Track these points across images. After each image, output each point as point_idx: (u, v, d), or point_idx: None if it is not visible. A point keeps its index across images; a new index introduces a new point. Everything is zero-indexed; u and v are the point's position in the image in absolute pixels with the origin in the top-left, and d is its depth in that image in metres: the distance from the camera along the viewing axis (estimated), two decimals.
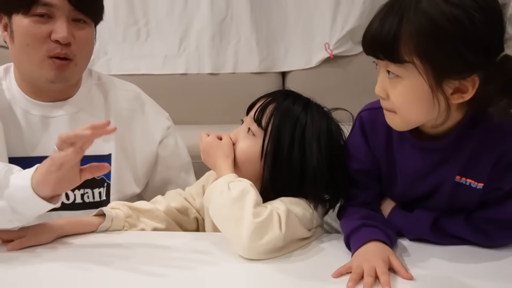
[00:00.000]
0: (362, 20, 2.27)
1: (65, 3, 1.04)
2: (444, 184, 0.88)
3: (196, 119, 2.16)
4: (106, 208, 0.99)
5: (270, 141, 0.93)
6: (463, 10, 0.71)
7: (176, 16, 2.30)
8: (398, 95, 0.79)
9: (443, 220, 0.89)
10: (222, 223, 0.87)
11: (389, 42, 0.75)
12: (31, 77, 1.10)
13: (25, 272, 0.82)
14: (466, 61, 0.73)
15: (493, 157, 0.83)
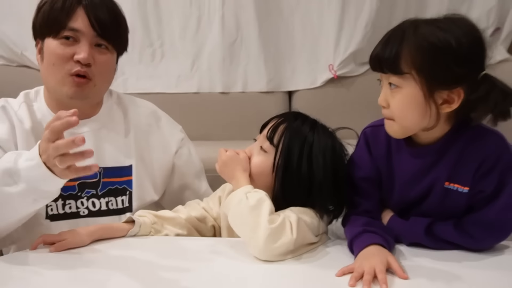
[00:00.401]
0: (364, 43, 2.36)
1: (89, 29, 1.15)
2: (434, 189, 0.99)
3: (207, 135, 2.23)
4: (135, 215, 1.11)
5: (281, 157, 1.04)
6: (452, 34, 0.89)
7: (189, 38, 2.40)
8: (397, 102, 0.93)
9: (436, 226, 0.99)
10: (240, 228, 0.97)
11: (391, 57, 0.91)
12: (55, 93, 1.19)
13: (64, 269, 0.93)
14: (453, 74, 0.89)
15: (476, 162, 0.95)
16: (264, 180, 1.06)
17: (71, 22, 1.14)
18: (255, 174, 1.07)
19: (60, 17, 1.14)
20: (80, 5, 1.15)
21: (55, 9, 1.14)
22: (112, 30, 1.19)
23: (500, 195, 0.95)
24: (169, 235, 1.11)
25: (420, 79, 0.90)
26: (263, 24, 2.39)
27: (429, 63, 0.89)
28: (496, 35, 2.40)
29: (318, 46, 2.43)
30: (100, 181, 1.22)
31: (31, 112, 1.22)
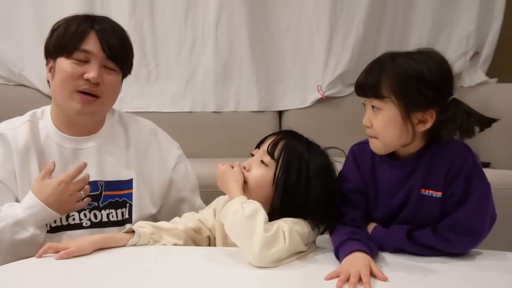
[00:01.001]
0: (351, 65, 2.47)
1: (100, 52, 1.24)
2: (412, 196, 1.09)
3: (201, 153, 2.28)
4: (134, 226, 1.17)
5: (282, 171, 1.12)
6: (424, 64, 1.03)
7: (183, 59, 2.48)
8: (379, 122, 1.06)
9: (415, 232, 1.08)
10: (236, 236, 1.04)
11: (373, 83, 1.04)
12: (64, 109, 1.27)
13: (69, 275, 0.99)
14: (426, 98, 1.02)
15: (445, 168, 1.06)
16: (263, 192, 1.13)
17: (84, 44, 1.23)
18: (254, 187, 1.13)
19: (73, 39, 1.23)
20: (92, 30, 1.24)
21: (69, 32, 1.24)
22: (120, 54, 1.28)
23: (468, 199, 1.04)
24: (167, 245, 1.17)
25: (398, 102, 1.02)
26: (255, 46, 2.48)
27: (405, 89, 1.02)
28: (475, 59, 2.52)
29: (308, 67, 2.52)
30: (101, 194, 1.29)
31: (34, 130, 1.29)
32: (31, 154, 1.25)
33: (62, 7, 2.30)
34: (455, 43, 2.50)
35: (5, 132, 1.26)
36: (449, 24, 2.53)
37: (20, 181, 1.24)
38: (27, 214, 1.13)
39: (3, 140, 1.25)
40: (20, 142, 1.25)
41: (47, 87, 2.28)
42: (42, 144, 1.28)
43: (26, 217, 1.13)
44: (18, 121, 1.30)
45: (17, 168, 1.23)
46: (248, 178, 1.14)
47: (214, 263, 1.05)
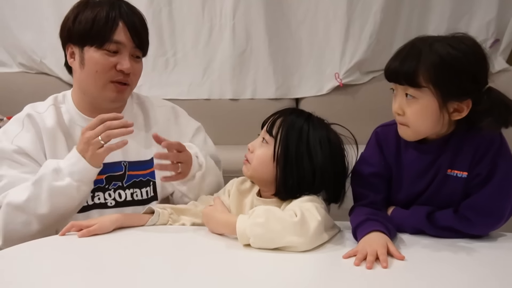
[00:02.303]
0: (369, 53, 2.47)
1: (129, 42, 1.27)
2: (437, 177, 1.08)
3: (217, 140, 2.24)
4: (154, 206, 1.19)
5: (280, 146, 1.11)
6: (462, 52, 1.00)
7: (200, 48, 2.50)
8: (413, 112, 1.03)
9: (436, 213, 1.08)
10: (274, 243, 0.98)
11: (411, 72, 1.00)
12: (94, 97, 1.30)
13: (90, 253, 1.02)
14: (464, 88, 1.00)
15: (472, 149, 1.05)
16: (266, 170, 1.13)
17: (115, 35, 1.25)
18: (258, 166, 1.14)
19: (104, 29, 1.24)
20: (121, 19, 1.25)
21: (99, 21, 1.24)
22: (145, 40, 1.32)
23: (492, 179, 1.04)
24: (186, 224, 1.19)
25: (436, 92, 1.00)
26: (272, 34, 2.49)
27: (444, 78, 0.99)
28: (496, 46, 2.49)
29: (325, 55, 2.53)
30: (125, 174, 1.32)
31: (59, 114, 1.32)
32: (58, 136, 1.29)
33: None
34: (475, 31, 2.46)
35: (34, 114, 1.29)
36: (469, 11, 2.50)
37: None
38: (66, 164, 1.17)
39: (32, 121, 1.28)
40: (48, 124, 1.28)
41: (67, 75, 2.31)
42: (68, 127, 1.31)
43: (65, 166, 1.16)
44: (42, 105, 1.33)
45: (47, 148, 1.27)
46: (251, 159, 1.15)
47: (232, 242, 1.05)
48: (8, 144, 1.23)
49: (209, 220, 1.10)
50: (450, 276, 0.89)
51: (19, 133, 1.26)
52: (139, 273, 0.90)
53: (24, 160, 1.23)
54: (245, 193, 1.25)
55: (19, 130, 1.26)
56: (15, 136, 1.25)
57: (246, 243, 1.00)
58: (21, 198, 1.15)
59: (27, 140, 1.25)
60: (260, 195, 1.19)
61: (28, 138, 1.25)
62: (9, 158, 1.22)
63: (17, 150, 1.23)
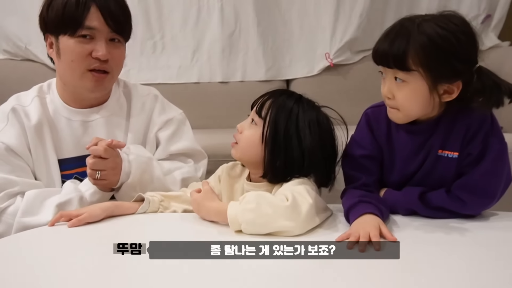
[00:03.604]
0: (359, 32, 2.44)
1: (104, 27, 1.21)
2: (429, 158, 1.08)
3: (208, 124, 2.30)
4: (145, 194, 1.18)
5: (269, 128, 1.09)
6: (451, 32, 0.97)
7: (189, 30, 2.47)
8: (403, 95, 1.01)
9: (429, 193, 1.07)
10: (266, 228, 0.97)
11: (400, 55, 0.98)
12: (74, 87, 1.26)
13: (80, 241, 1.01)
14: (455, 69, 0.97)
15: (463, 129, 1.04)
16: (254, 152, 1.12)
17: (87, 20, 1.19)
18: (245, 147, 1.13)
19: (75, 15, 1.18)
20: (93, 2, 1.19)
21: (69, 7, 1.19)
22: (124, 24, 1.26)
23: (483, 158, 1.03)
24: (177, 211, 1.18)
25: (426, 74, 0.97)
26: (261, 15, 2.46)
27: (434, 60, 0.97)
28: (487, 22, 2.47)
29: (315, 35, 2.50)
30: None
31: (43, 105, 1.29)
32: (44, 129, 1.26)
33: None
34: (466, 6, 2.44)
35: (18, 108, 1.26)
36: None
37: (34, 156, 1.25)
38: (87, 194, 1.18)
39: (16, 115, 1.25)
40: (32, 119, 1.25)
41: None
42: (52, 118, 1.29)
43: (87, 196, 1.18)
44: (27, 97, 1.30)
45: (32, 144, 1.24)
46: (239, 140, 1.14)
47: (224, 229, 1.04)
48: None
49: (200, 208, 1.09)
50: (443, 257, 0.89)
51: (4, 128, 1.23)
52: (131, 261, 0.89)
53: (11, 158, 1.21)
54: (235, 178, 1.24)
55: (4, 125, 1.24)
56: (0, 131, 1.22)
57: (238, 229, 0.99)
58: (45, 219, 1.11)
59: (12, 136, 1.22)
60: (250, 180, 1.18)
61: (12, 133, 1.23)
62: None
63: (4, 147, 1.21)
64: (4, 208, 1.15)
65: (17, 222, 1.13)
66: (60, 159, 1.27)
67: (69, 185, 1.20)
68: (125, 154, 1.22)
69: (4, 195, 1.16)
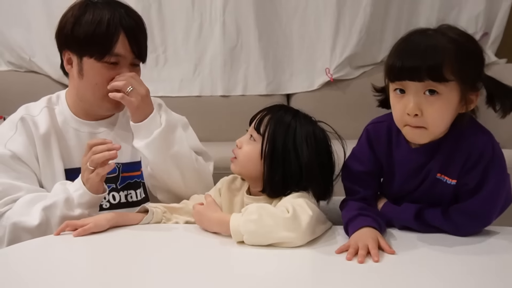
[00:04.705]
0: (359, 47, 2.48)
1: (130, 54, 1.25)
2: (427, 179, 1.07)
3: (209, 137, 2.28)
4: (148, 205, 1.20)
5: (268, 144, 1.12)
6: (471, 41, 0.99)
7: (191, 44, 2.50)
8: (436, 109, 0.96)
9: (425, 212, 1.08)
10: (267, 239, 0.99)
11: (436, 66, 0.94)
12: (91, 105, 1.30)
13: (86, 252, 1.03)
14: (480, 77, 0.98)
15: (462, 157, 1.02)
16: (253, 168, 1.14)
17: (116, 48, 1.22)
18: (245, 162, 1.15)
19: (105, 42, 1.21)
20: (121, 29, 1.22)
21: (99, 32, 1.21)
22: (145, 50, 1.31)
23: (482, 189, 1.02)
24: (179, 223, 1.20)
25: (459, 84, 0.95)
26: (263, 30, 2.49)
27: (469, 67, 0.96)
28: (484, 40, 2.51)
29: (315, 50, 2.54)
30: (119, 176, 1.32)
31: (52, 115, 1.31)
32: (52, 139, 1.29)
33: None
34: (464, 24, 2.48)
35: (27, 117, 1.28)
36: (458, 4, 2.53)
37: (42, 165, 1.27)
38: (75, 195, 1.17)
39: (25, 125, 1.27)
40: (41, 129, 1.28)
41: (57, 73, 2.37)
42: (61, 129, 1.31)
43: (75, 197, 1.17)
44: (35, 107, 1.33)
45: (39, 153, 1.26)
46: (238, 156, 1.16)
47: (226, 240, 1.05)
48: (2, 148, 1.23)
49: (202, 219, 1.11)
50: (441, 270, 0.91)
51: (12, 136, 1.26)
52: (135, 271, 0.91)
53: (17, 166, 1.23)
54: (235, 192, 1.26)
55: (12, 133, 1.26)
56: (8, 139, 1.25)
57: (240, 240, 1.01)
58: (32, 223, 1.14)
59: (19, 144, 1.25)
60: (250, 193, 1.20)
61: (20, 141, 1.25)
62: (2, 163, 1.22)
63: (11, 155, 1.23)
64: (3, 212, 1.18)
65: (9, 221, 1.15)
66: (66, 169, 1.29)
67: (57, 187, 1.20)
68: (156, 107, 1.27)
69: (8, 200, 1.19)
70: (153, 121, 1.25)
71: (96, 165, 1.14)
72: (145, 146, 1.25)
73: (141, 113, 1.25)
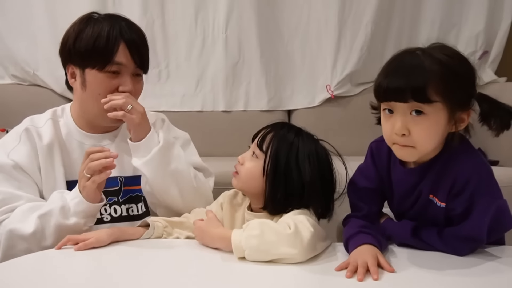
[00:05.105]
0: (360, 65, 2.50)
1: (131, 63, 1.27)
2: (420, 199, 1.09)
3: (210, 152, 2.28)
4: (149, 220, 1.20)
5: (270, 161, 1.13)
6: (459, 60, 0.99)
7: (193, 60, 2.51)
8: (422, 129, 0.97)
9: (421, 230, 1.09)
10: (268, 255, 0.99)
11: (420, 87, 0.94)
12: (94, 116, 1.31)
13: (86, 266, 1.03)
14: (468, 96, 0.98)
15: (450, 182, 1.02)
16: (255, 185, 1.15)
17: (116, 57, 1.24)
18: (247, 179, 1.16)
19: (105, 51, 1.24)
20: (121, 39, 1.25)
21: (100, 44, 1.24)
22: (146, 59, 1.33)
23: (470, 215, 1.01)
24: (180, 237, 1.21)
25: (445, 104, 0.95)
26: (264, 46, 2.51)
27: (454, 87, 0.96)
28: (484, 58, 2.53)
29: (316, 67, 2.55)
30: (121, 189, 1.33)
31: (56, 128, 1.33)
32: (55, 150, 1.30)
33: (75, 7, 2.35)
34: (464, 43, 2.51)
35: (31, 128, 1.30)
36: (458, 23, 2.55)
37: (44, 176, 1.28)
38: (71, 203, 1.17)
39: (29, 135, 1.29)
40: (44, 140, 1.29)
41: (60, 87, 2.39)
42: (64, 141, 1.33)
43: (71, 206, 1.17)
44: (40, 119, 1.35)
45: (42, 164, 1.28)
46: (240, 172, 1.17)
47: (227, 255, 1.06)
48: (5, 158, 1.24)
49: (204, 234, 1.11)
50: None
51: (15, 146, 1.27)
52: (136, 287, 0.91)
53: (19, 176, 1.24)
54: (236, 207, 1.26)
55: (16, 143, 1.28)
56: (12, 149, 1.26)
57: (241, 255, 1.01)
58: (27, 230, 1.15)
59: (23, 154, 1.26)
60: (251, 209, 1.21)
61: (24, 152, 1.26)
62: (5, 173, 1.23)
63: (13, 165, 1.24)
64: (1, 220, 1.18)
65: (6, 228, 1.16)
66: (68, 180, 1.30)
67: (54, 195, 1.21)
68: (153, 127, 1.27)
69: (7, 209, 1.20)
70: (152, 139, 1.26)
71: (93, 172, 1.15)
72: (144, 164, 1.26)
73: (141, 130, 1.26)
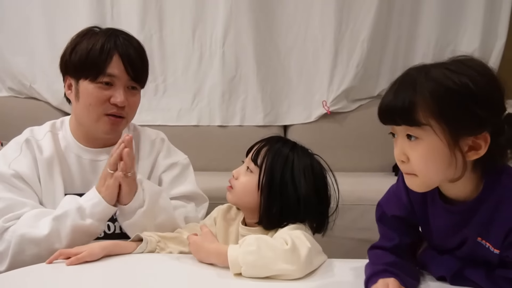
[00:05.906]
0: (356, 81, 2.50)
1: (124, 75, 1.27)
2: (467, 242, 0.94)
3: (206, 166, 2.29)
4: (142, 234, 1.19)
5: (265, 175, 1.12)
6: (465, 75, 0.82)
7: (190, 74, 2.52)
8: (418, 156, 0.85)
9: (467, 270, 0.95)
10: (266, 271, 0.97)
11: (406, 107, 0.83)
12: (88, 127, 1.31)
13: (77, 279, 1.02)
14: (476, 118, 0.82)
15: (505, 227, 0.86)
16: (250, 199, 1.14)
17: (109, 68, 1.25)
18: (241, 194, 1.15)
19: (98, 62, 1.24)
20: (116, 51, 1.25)
21: (93, 55, 1.24)
22: (142, 73, 1.32)
23: None
24: (173, 252, 1.19)
25: (441, 127, 0.82)
26: (261, 62, 2.52)
27: (449, 109, 0.82)
28: None
29: (313, 83, 2.55)
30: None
31: (55, 140, 1.33)
32: (54, 163, 1.30)
33: (73, 21, 2.37)
34: None
35: (32, 140, 1.31)
36: (453, 41, 2.56)
37: (44, 188, 1.28)
38: (88, 204, 1.17)
39: (29, 147, 1.30)
40: (44, 153, 1.30)
41: (57, 99, 2.39)
42: (63, 154, 1.33)
43: (87, 207, 1.17)
44: (40, 131, 1.35)
45: (42, 176, 1.28)
46: (235, 186, 1.16)
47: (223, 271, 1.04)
48: (6, 168, 1.24)
49: (199, 249, 1.09)
50: None
51: (17, 157, 1.27)
52: None
53: (20, 185, 1.24)
54: (230, 221, 1.26)
55: (17, 154, 1.28)
56: (13, 160, 1.26)
57: (238, 272, 0.99)
58: (41, 233, 1.14)
59: (24, 165, 1.26)
60: (245, 224, 1.20)
61: (25, 163, 1.27)
62: (6, 182, 1.23)
63: (14, 174, 1.24)
64: (7, 227, 1.17)
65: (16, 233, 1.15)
66: (67, 194, 1.29)
67: (66, 198, 1.21)
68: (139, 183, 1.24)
69: (12, 216, 1.19)
70: (137, 199, 1.23)
71: (114, 167, 1.16)
72: (128, 226, 1.23)
73: (132, 194, 1.22)
